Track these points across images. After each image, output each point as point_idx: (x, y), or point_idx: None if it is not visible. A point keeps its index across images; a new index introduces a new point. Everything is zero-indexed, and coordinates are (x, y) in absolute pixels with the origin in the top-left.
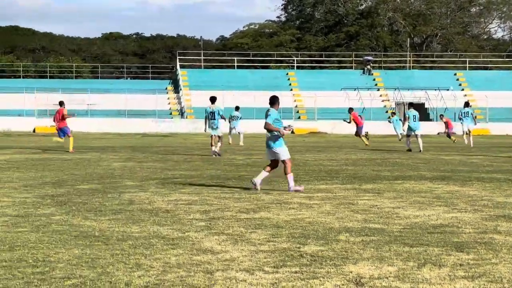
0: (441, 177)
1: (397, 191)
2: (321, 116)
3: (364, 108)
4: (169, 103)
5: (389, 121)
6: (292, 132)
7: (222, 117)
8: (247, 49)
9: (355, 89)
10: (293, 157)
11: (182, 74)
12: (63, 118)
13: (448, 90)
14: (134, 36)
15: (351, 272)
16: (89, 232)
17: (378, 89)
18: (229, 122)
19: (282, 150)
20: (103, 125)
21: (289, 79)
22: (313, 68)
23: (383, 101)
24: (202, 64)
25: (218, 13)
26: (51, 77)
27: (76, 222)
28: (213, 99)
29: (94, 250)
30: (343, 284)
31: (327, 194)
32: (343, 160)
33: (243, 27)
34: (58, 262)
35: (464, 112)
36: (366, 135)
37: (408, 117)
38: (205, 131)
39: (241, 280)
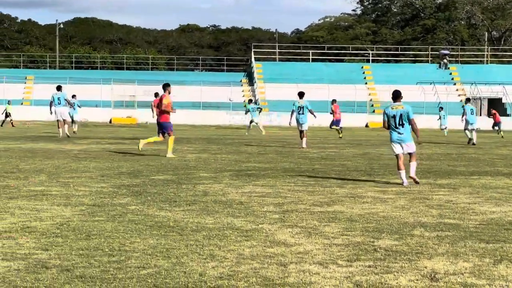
0: None
1: (473, 187)
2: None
3: (440, 102)
4: (243, 96)
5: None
6: (366, 125)
7: (311, 112)
8: (322, 42)
9: (430, 83)
10: (368, 151)
11: (257, 67)
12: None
13: None
14: (210, 28)
15: (425, 267)
16: (164, 222)
17: (455, 84)
18: (245, 114)
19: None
20: (177, 116)
21: (364, 73)
22: (388, 61)
23: (459, 95)
24: (277, 56)
25: (293, 6)
26: (127, 69)
27: (151, 212)
28: (301, 94)
29: (169, 240)
30: (417, 279)
31: (402, 188)
32: (418, 155)
33: (318, 20)
34: (134, 251)
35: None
36: (340, 129)
37: (465, 112)
38: (289, 124)
39: (314, 273)
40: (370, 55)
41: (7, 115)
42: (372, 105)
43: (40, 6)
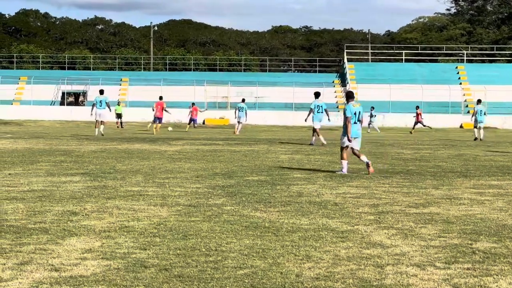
0: None
1: None
2: (491, 110)
3: None
4: (335, 97)
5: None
6: (461, 126)
7: (325, 111)
8: (416, 44)
9: None
10: (463, 152)
11: (349, 68)
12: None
13: None
14: (302, 29)
15: None
16: (259, 223)
17: None
18: (235, 113)
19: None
20: (270, 117)
21: (458, 73)
22: (483, 61)
23: None
24: (370, 57)
25: (386, 6)
26: (220, 70)
27: (246, 213)
28: (317, 94)
29: (265, 241)
30: None
31: (499, 190)
32: (504, 153)
33: (412, 20)
34: (230, 251)
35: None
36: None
37: (476, 112)
38: (305, 120)
39: (412, 275)
40: (465, 55)
41: (119, 116)
42: (467, 106)
43: (134, 9)
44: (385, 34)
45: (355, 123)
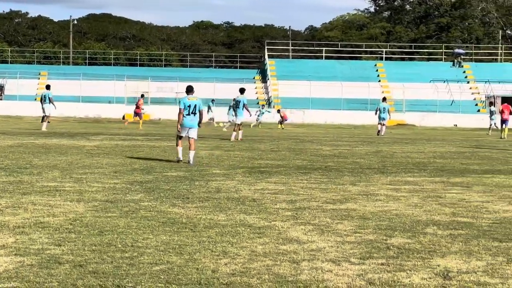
0: None
1: (487, 185)
2: (409, 108)
3: (453, 100)
4: (256, 93)
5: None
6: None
7: (246, 108)
8: (336, 41)
9: (444, 81)
10: (381, 148)
11: (270, 64)
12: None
13: None
14: (223, 25)
15: (438, 266)
16: (177, 218)
17: (468, 82)
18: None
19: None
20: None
21: (377, 70)
22: (402, 59)
23: (472, 93)
24: (290, 54)
25: (307, 3)
26: (140, 65)
27: (164, 209)
28: (242, 90)
29: (182, 237)
30: (430, 278)
31: (415, 186)
32: (431, 153)
33: (332, 18)
34: (146, 247)
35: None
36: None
37: (379, 109)
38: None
39: (327, 271)
40: (384, 53)
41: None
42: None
43: (53, 2)
44: (307, 30)
45: (188, 114)
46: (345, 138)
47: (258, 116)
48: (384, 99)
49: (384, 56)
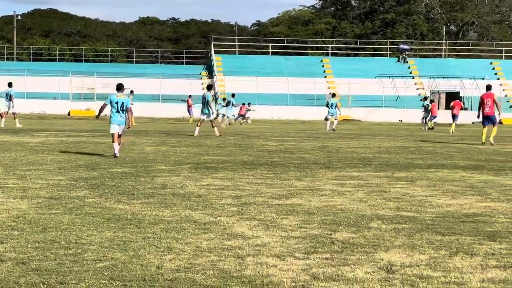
0: (474, 166)
1: (430, 180)
2: (355, 103)
3: (398, 96)
4: (203, 88)
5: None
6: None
7: (208, 104)
8: (282, 37)
9: (389, 77)
10: (327, 143)
11: (217, 60)
12: None
13: (483, 79)
14: (169, 21)
15: (382, 260)
16: (122, 215)
17: (413, 77)
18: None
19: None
20: (137, 109)
21: (323, 66)
22: (348, 55)
23: (417, 89)
24: (237, 50)
25: None
26: (86, 61)
27: (108, 205)
28: (209, 87)
29: (126, 233)
30: (374, 272)
31: (360, 181)
32: (376, 148)
33: (278, 14)
34: (90, 244)
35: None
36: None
37: (328, 104)
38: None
39: (271, 266)
40: (330, 49)
41: None
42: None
43: None
44: (253, 25)
45: (117, 112)
46: (292, 133)
47: (246, 112)
48: (333, 95)
49: (330, 52)
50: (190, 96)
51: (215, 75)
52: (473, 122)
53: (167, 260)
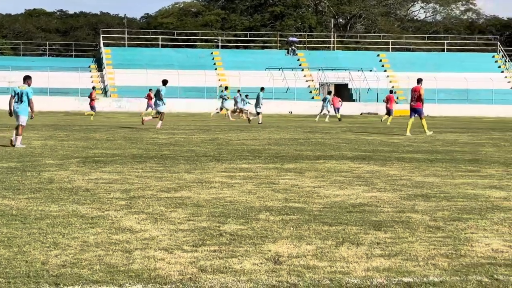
0: (362, 157)
1: (319, 171)
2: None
3: (288, 88)
4: (92, 82)
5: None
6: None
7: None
8: (172, 29)
9: (279, 69)
10: (217, 136)
11: (106, 52)
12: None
13: (371, 71)
14: (57, 12)
15: (269, 251)
16: (6, 211)
17: (302, 70)
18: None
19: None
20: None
21: (213, 59)
22: (237, 47)
23: (307, 81)
24: (126, 42)
25: None
26: None
27: None
28: (164, 82)
29: (11, 229)
30: (261, 263)
31: (249, 173)
32: (266, 140)
33: (168, 5)
34: None
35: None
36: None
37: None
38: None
39: (159, 259)
40: (220, 41)
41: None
42: (222, 91)
43: None
44: (142, 17)
45: (16, 102)
46: (182, 126)
47: (244, 105)
48: (262, 88)
49: (220, 44)
50: (94, 88)
51: (104, 68)
52: (361, 113)
53: (53, 256)
